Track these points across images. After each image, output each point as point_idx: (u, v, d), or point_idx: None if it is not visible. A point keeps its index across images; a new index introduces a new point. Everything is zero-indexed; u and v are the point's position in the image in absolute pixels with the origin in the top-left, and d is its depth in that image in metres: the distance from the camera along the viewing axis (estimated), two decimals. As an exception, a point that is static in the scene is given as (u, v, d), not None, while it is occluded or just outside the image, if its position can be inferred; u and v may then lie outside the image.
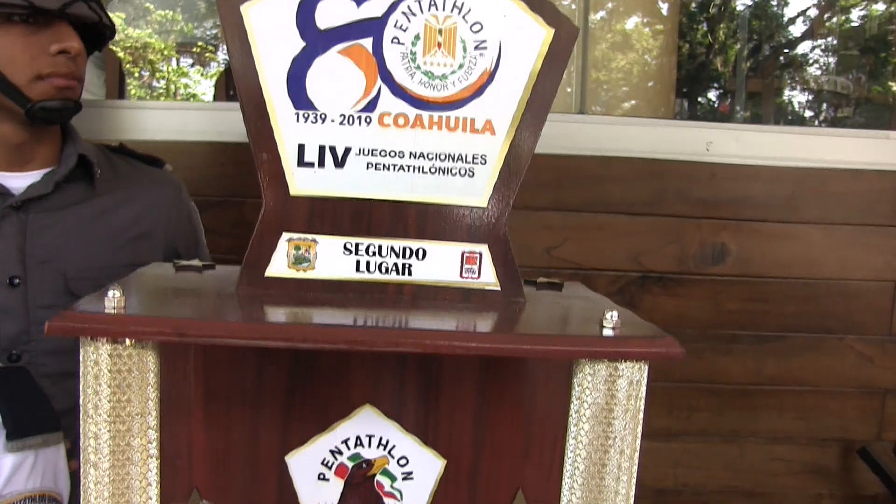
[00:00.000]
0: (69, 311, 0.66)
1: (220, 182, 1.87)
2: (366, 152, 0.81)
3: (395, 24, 0.82)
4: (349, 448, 0.91)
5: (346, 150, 0.80)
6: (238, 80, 0.80)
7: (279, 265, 0.81)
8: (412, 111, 0.81)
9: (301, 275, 0.81)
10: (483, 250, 0.83)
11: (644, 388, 0.70)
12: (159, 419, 0.69)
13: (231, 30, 0.79)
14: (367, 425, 0.91)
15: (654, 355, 0.68)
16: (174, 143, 1.86)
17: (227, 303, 0.78)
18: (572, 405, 0.70)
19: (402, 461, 0.91)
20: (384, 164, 0.81)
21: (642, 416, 0.70)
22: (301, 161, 0.80)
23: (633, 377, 0.68)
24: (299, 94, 0.80)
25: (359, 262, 0.82)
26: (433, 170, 0.82)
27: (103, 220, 1.37)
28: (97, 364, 0.66)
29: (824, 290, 1.94)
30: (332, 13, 0.81)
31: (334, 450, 0.91)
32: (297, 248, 0.80)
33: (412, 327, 0.71)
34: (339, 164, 0.80)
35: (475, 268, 0.83)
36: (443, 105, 0.81)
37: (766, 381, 1.95)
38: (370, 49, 0.81)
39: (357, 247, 0.81)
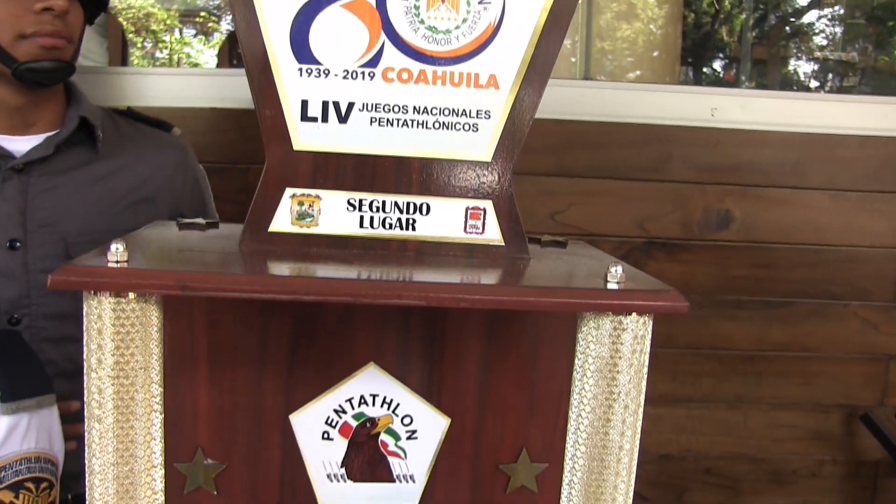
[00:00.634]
0: (72, 264, 0.66)
1: (224, 148, 1.87)
2: (369, 107, 0.80)
3: (399, -22, 0.81)
4: (353, 407, 0.91)
5: (350, 105, 0.80)
6: (241, 35, 0.79)
7: (283, 221, 0.81)
8: (416, 66, 0.80)
9: (305, 231, 0.81)
10: (487, 206, 0.83)
11: (648, 342, 0.70)
12: (163, 375, 0.69)
13: (233, -15, 0.78)
14: (372, 384, 0.91)
15: (658, 309, 0.68)
16: (177, 109, 1.85)
17: (231, 258, 0.78)
18: (576, 360, 0.70)
19: (407, 420, 0.92)
20: (388, 119, 0.81)
21: (647, 370, 0.70)
22: (304, 116, 0.79)
23: (638, 331, 0.68)
24: (302, 49, 0.79)
25: (362, 218, 0.81)
26: (437, 125, 0.81)
27: (106, 183, 1.36)
28: (100, 318, 0.66)
29: (830, 256, 1.93)
30: (334, -34, 0.80)
31: (338, 409, 0.91)
32: (301, 203, 0.80)
33: (416, 281, 0.71)
34: (343, 119, 0.80)
35: (479, 223, 0.82)
36: (446, 60, 0.81)
37: (770, 348, 1.95)
38: (373, 3, 0.80)
39: (361, 202, 0.81)
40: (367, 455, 0.92)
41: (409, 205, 0.82)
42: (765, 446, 1.97)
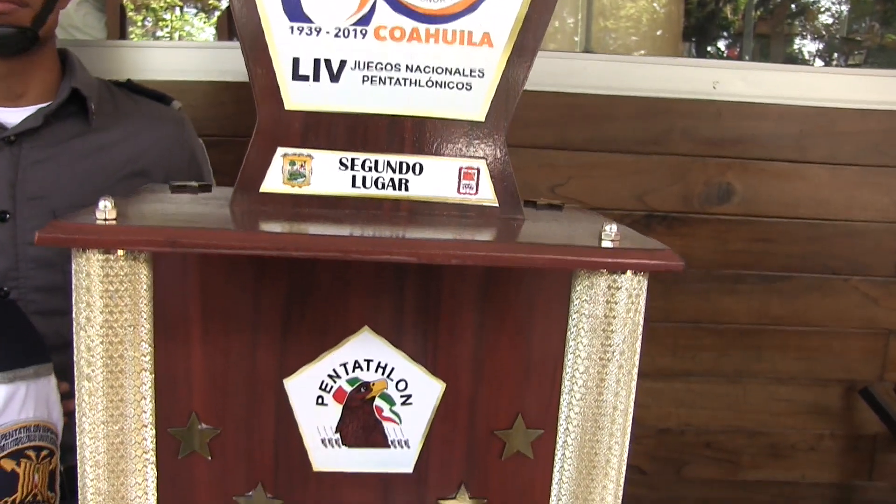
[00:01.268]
0: (60, 221, 0.65)
1: (223, 121, 1.86)
2: (361, 65, 0.79)
3: (391, -66, 0.79)
4: (347, 372, 0.91)
5: (342, 64, 0.79)
6: (232, -8, 0.78)
7: (274, 181, 0.80)
8: (408, 23, 0.79)
9: (296, 190, 0.80)
10: (481, 166, 0.82)
11: (643, 301, 0.69)
12: (153, 334, 0.68)
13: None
14: (366, 349, 0.90)
15: (653, 267, 0.67)
16: (175, 82, 1.84)
17: (221, 217, 0.77)
18: (570, 320, 0.69)
19: (401, 385, 0.91)
20: (380, 78, 0.79)
21: (642, 330, 0.69)
22: (295, 75, 0.78)
23: (633, 290, 0.68)
24: (294, 7, 0.78)
25: (354, 178, 0.80)
26: (430, 84, 0.80)
27: (99, 156, 1.35)
28: (88, 276, 0.65)
29: (830, 230, 1.93)
30: (326, -77, 0.78)
31: (333, 373, 0.91)
32: (292, 163, 0.79)
33: (408, 238, 0.70)
34: (335, 77, 0.79)
35: (473, 184, 0.81)
36: (439, 17, 0.79)
37: (770, 322, 1.94)
38: (366, -40, 0.79)
39: (353, 162, 0.80)
40: (361, 420, 0.92)
41: (401, 164, 0.81)
42: (764, 420, 1.97)
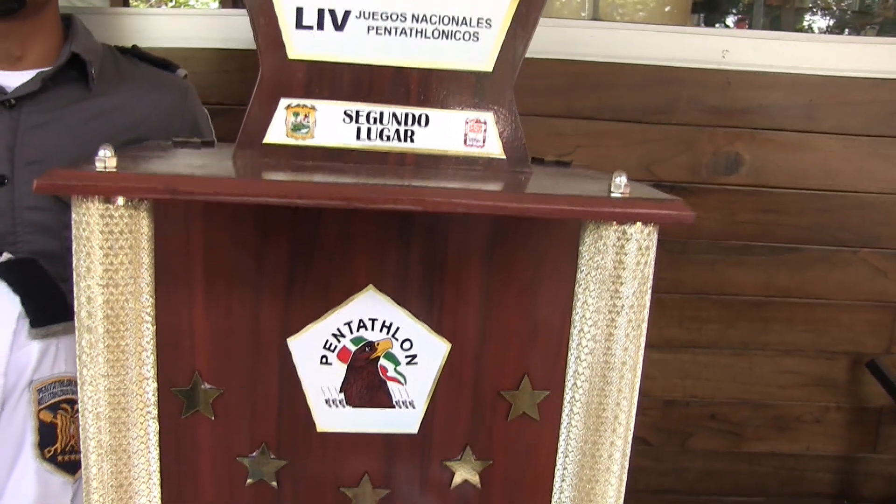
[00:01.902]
0: (59, 169, 0.64)
1: (226, 89, 1.84)
2: (366, 15, 0.77)
3: None
4: (352, 331, 0.90)
5: (346, 13, 0.77)
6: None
7: (277, 133, 0.78)
8: (415, -28, 0.77)
9: (300, 142, 0.78)
10: (488, 118, 0.80)
11: (653, 254, 0.68)
12: (154, 286, 0.67)
13: None
14: (371, 307, 0.89)
15: (664, 218, 0.66)
16: (179, 49, 1.82)
17: (223, 168, 0.76)
18: (579, 273, 0.68)
19: (406, 345, 0.90)
20: (385, 28, 0.78)
21: (651, 283, 0.68)
22: (299, 24, 0.77)
23: (643, 242, 0.66)
24: (297, -46, 0.76)
25: (359, 130, 0.79)
26: (436, 34, 0.78)
27: (99, 122, 1.34)
28: (88, 225, 0.64)
29: (840, 201, 1.90)
30: None
31: (337, 332, 0.90)
32: (296, 114, 0.78)
33: (413, 186, 0.69)
34: (339, 27, 0.77)
35: (480, 136, 0.80)
36: (447, -34, 0.78)
37: (777, 294, 1.93)
38: None
39: (357, 113, 0.79)
40: (366, 380, 0.91)
41: (407, 116, 0.79)
42: (769, 392, 1.96)
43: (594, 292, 0.66)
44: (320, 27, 0.77)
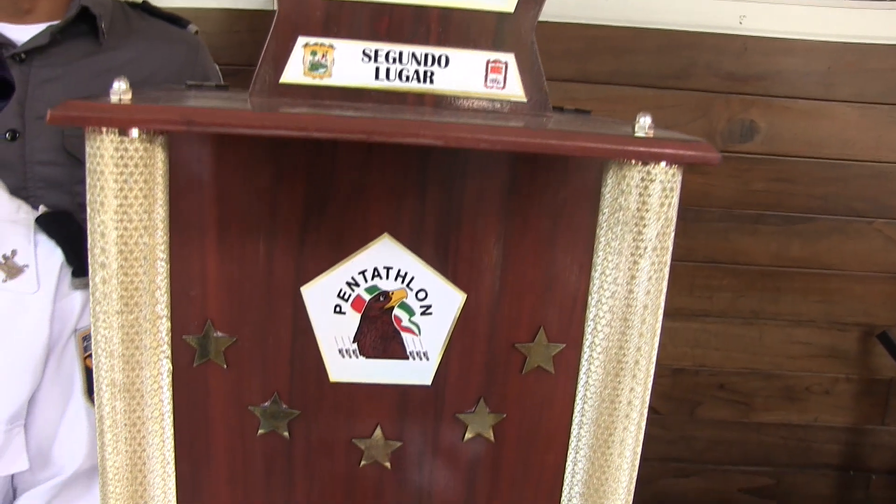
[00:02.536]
0: (73, 101, 0.63)
1: (236, 49, 1.82)
2: (386, -49, 0.76)
3: None
4: (366, 280, 0.89)
5: (366, -51, 0.75)
6: None
7: (294, 72, 0.77)
8: None
9: (317, 82, 0.77)
10: (509, 59, 0.78)
11: (677, 197, 0.66)
12: (168, 224, 0.66)
13: None
14: (385, 256, 0.88)
15: (688, 159, 0.64)
16: (188, 9, 1.79)
17: (240, 105, 0.75)
18: (601, 215, 0.67)
19: (421, 294, 0.89)
20: (405, -35, 0.76)
21: (674, 226, 0.67)
22: (317, -40, 0.75)
23: (667, 183, 0.65)
24: None
25: (378, 69, 0.77)
26: (457, -29, 0.77)
27: (108, 76, 1.31)
28: (102, 158, 0.63)
29: (856, 171, 1.88)
30: None
31: (351, 281, 0.88)
32: (314, 53, 0.76)
33: (434, 121, 0.67)
34: (358, -37, 0.75)
35: (500, 78, 0.78)
36: None
37: (790, 264, 1.91)
38: None
39: (376, 53, 0.77)
40: (379, 330, 0.90)
41: (426, 56, 0.78)
42: (779, 363, 1.95)
43: (616, 234, 0.65)
44: (339, -37, 0.75)
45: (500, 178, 0.87)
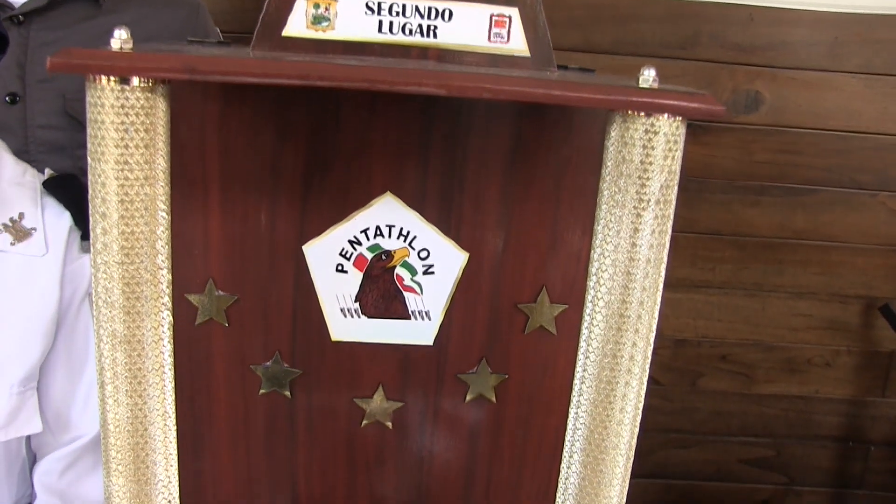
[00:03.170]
0: (75, 48, 0.62)
1: (240, 16, 1.81)
2: None
3: None
4: (368, 238, 0.88)
5: None
6: None
7: (297, 25, 0.76)
8: None
9: (320, 35, 0.76)
10: (513, 14, 0.78)
11: (681, 151, 0.66)
12: (169, 174, 0.66)
13: None
14: (388, 215, 0.88)
15: (692, 111, 0.64)
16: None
17: (242, 56, 0.74)
18: (604, 169, 0.66)
19: (423, 253, 0.89)
20: (409, -84, 0.75)
21: (678, 181, 0.66)
22: None
23: (671, 136, 0.64)
24: None
25: (381, 23, 0.76)
26: (461, -77, 0.76)
27: (108, 39, 1.32)
28: (103, 107, 0.62)
29: (860, 143, 1.87)
30: None
31: (353, 240, 0.88)
32: (317, 6, 0.75)
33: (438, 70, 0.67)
34: (362, -88, 0.74)
35: (504, 32, 0.77)
36: None
37: (792, 236, 1.91)
38: None
39: (379, 6, 0.76)
40: (381, 289, 0.90)
41: (430, 10, 0.77)
42: (781, 335, 1.95)
43: (620, 187, 0.64)
44: (342, -87, 0.74)
45: (503, 137, 0.86)
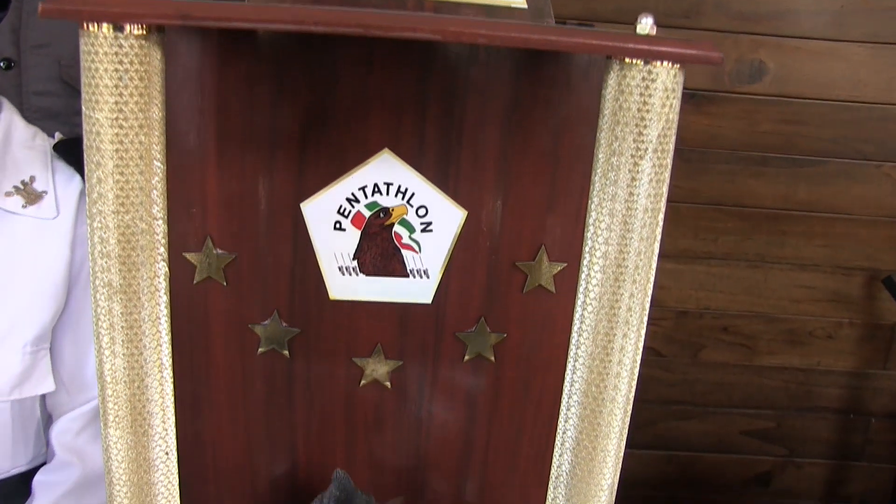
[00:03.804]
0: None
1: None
2: None
3: None
4: (366, 196, 0.88)
5: None
6: None
7: (292, -26, 0.75)
8: None
9: (315, -16, 0.75)
10: (511, -36, 0.77)
11: (679, 99, 0.65)
12: (164, 124, 0.65)
13: None
14: (386, 172, 0.87)
15: (690, 57, 0.63)
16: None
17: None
18: (601, 118, 0.66)
19: (422, 211, 0.88)
20: None
21: (675, 131, 0.66)
22: None
23: (669, 84, 0.64)
24: None
25: (377, -27, 0.76)
26: None
27: None
28: (97, 55, 0.62)
29: (866, 114, 1.85)
30: None
31: (351, 197, 0.88)
32: (312, -45, 0.75)
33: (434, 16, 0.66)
34: None
35: (502, -17, 0.77)
36: None
37: (796, 207, 1.89)
38: None
39: (377, -44, 0.76)
40: (380, 247, 0.90)
41: (427, -40, 0.76)
42: (783, 306, 1.95)
43: (617, 135, 0.64)
44: None
45: (502, 95, 0.85)
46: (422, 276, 0.90)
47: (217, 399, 0.94)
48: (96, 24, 0.61)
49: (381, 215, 0.88)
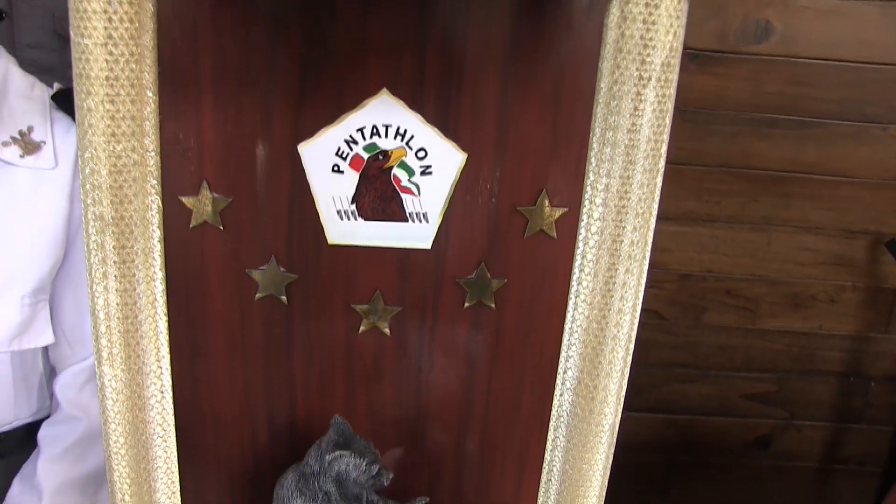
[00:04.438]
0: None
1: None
2: None
3: None
4: (365, 138, 0.86)
5: None
6: None
7: None
8: None
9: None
10: None
11: (683, 28, 0.63)
12: (156, 53, 0.63)
13: None
14: (384, 113, 0.86)
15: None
16: None
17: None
18: (604, 47, 0.64)
19: (421, 154, 0.87)
20: None
21: (679, 59, 0.64)
22: None
23: (672, 10, 0.62)
24: None
25: None
26: None
27: None
28: (86, 12, 0.60)
29: (873, 75, 1.83)
30: None
31: (349, 139, 0.86)
32: None
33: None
34: None
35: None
36: None
37: (801, 169, 1.87)
38: None
39: None
40: (378, 190, 0.88)
41: None
42: (786, 269, 1.93)
43: (619, 63, 0.62)
44: None
45: (502, 35, 0.84)
46: (421, 220, 0.89)
47: (214, 345, 0.94)
48: (85, -55, 0.59)
49: (380, 157, 0.87)
